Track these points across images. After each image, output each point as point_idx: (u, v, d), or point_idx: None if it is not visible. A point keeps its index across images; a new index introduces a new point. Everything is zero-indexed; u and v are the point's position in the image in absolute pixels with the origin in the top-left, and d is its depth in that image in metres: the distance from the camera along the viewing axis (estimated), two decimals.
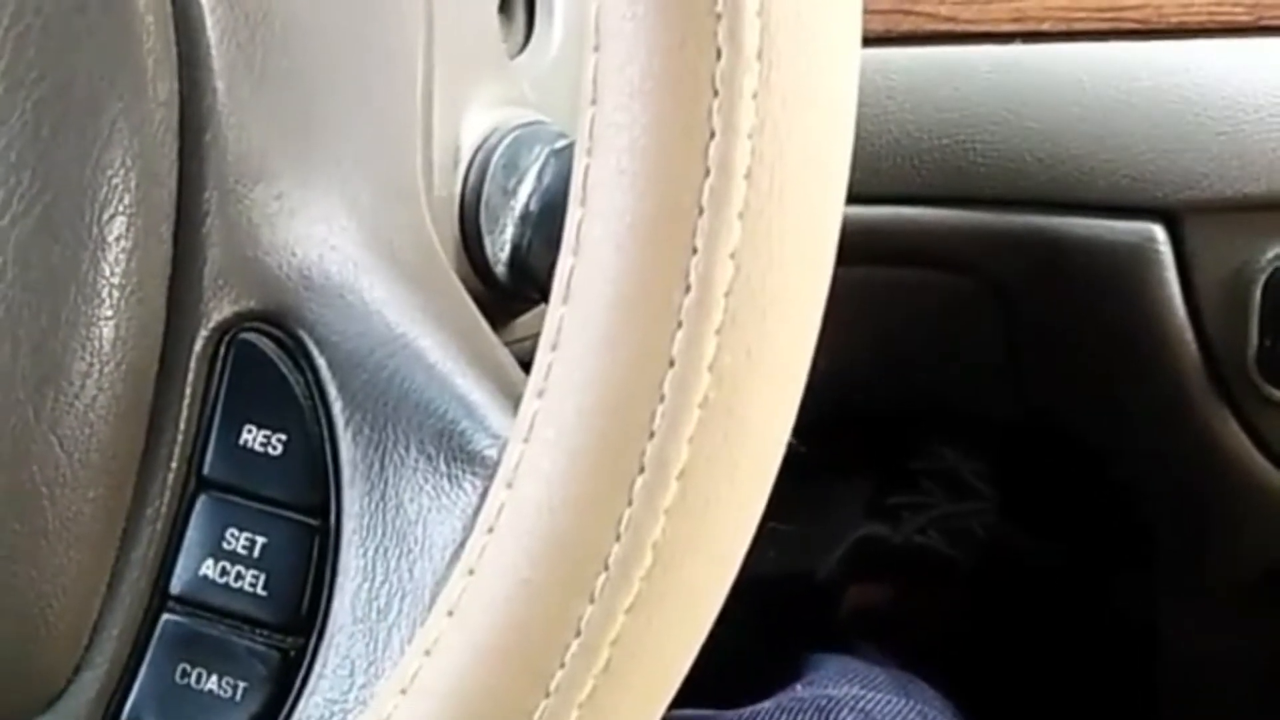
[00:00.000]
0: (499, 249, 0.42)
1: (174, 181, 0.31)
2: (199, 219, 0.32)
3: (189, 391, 0.32)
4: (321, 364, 0.32)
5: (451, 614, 0.27)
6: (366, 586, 0.31)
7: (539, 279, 0.42)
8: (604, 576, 0.26)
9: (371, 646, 0.30)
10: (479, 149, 0.41)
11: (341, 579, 0.31)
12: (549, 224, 0.41)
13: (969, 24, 0.55)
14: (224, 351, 0.32)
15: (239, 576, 0.31)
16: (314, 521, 0.31)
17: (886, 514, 0.78)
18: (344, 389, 0.31)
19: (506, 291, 0.42)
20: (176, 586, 0.32)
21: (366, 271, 0.32)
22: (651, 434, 0.26)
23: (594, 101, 0.26)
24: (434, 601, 0.28)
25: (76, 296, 0.30)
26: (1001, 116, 0.55)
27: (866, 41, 0.27)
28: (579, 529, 0.26)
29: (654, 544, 0.26)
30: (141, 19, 0.31)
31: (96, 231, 0.30)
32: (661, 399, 0.26)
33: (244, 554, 0.31)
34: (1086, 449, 0.65)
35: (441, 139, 0.39)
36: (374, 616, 0.30)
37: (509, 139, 0.42)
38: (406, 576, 0.30)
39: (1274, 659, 0.68)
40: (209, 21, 0.32)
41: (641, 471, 0.26)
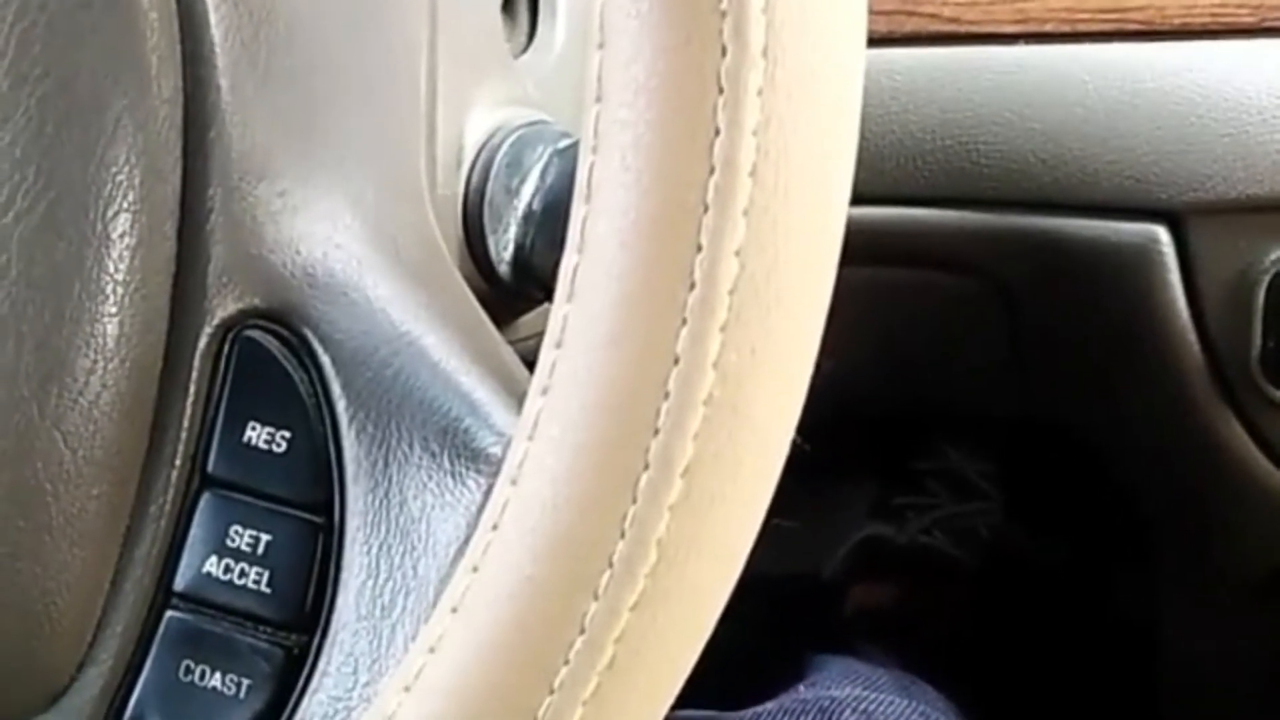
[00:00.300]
0: (502, 248, 0.42)
1: (178, 179, 0.31)
2: (203, 216, 0.32)
3: (193, 389, 0.32)
4: (325, 361, 0.32)
5: (456, 611, 0.27)
6: (370, 584, 0.31)
7: (542, 278, 0.42)
8: (608, 574, 0.26)
9: (375, 644, 0.30)
10: (482, 148, 0.41)
11: (345, 576, 0.31)
12: (552, 223, 0.41)
13: (973, 25, 0.55)
14: (228, 349, 0.32)
15: (243, 573, 0.31)
16: (318, 519, 0.31)
17: (891, 514, 0.78)
18: (348, 386, 0.31)
19: (510, 290, 0.42)
20: (180, 583, 0.32)
21: (370, 269, 0.32)
22: (656, 431, 0.26)
23: (598, 99, 0.26)
24: (438, 599, 0.28)
25: (80, 293, 0.30)
26: (1005, 118, 0.55)
27: (870, 42, 0.27)
28: (583, 526, 0.26)
29: (658, 541, 0.26)
30: (145, 16, 0.31)
31: (100, 228, 0.30)
32: (666, 396, 0.25)
33: (248, 551, 0.31)
34: (1089, 450, 0.65)
35: (445, 138, 0.39)
36: (378, 614, 0.30)
37: (512, 138, 0.42)
38: (410, 574, 0.30)
39: (1277, 660, 0.68)
40: (213, 19, 0.32)
41: (646, 468, 0.26)
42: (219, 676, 0.31)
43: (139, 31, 0.31)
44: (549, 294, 0.34)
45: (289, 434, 0.31)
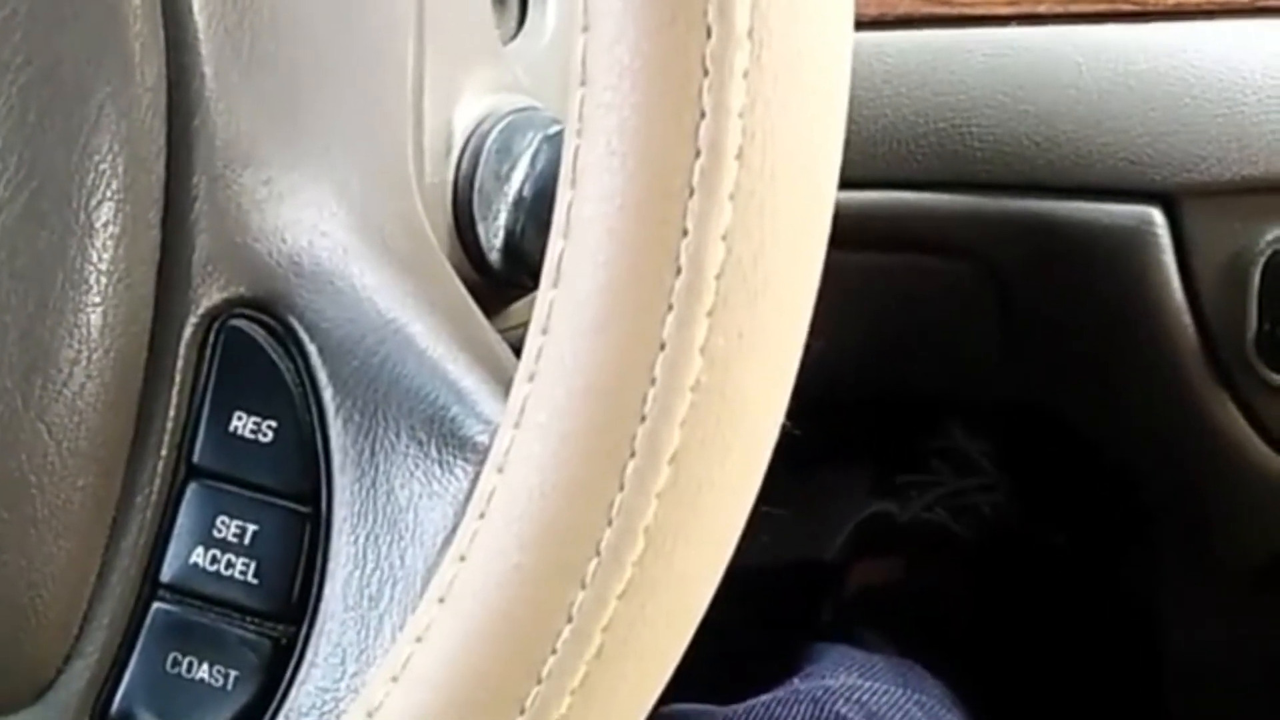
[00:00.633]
0: (492, 235, 0.41)
1: (162, 167, 0.31)
2: (187, 205, 0.31)
3: (178, 379, 0.32)
4: (312, 350, 0.31)
5: (443, 601, 0.27)
6: (358, 574, 0.30)
7: (533, 265, 0.41)
8: (596, 562, 0.26)
9: (363, 634, 0.30)
10: (472, 135, 0.41)
11: (332, 566, 0.31)
12: (542, 210, 0.41)
13: (965, 7, 0.55)
14: (213, 338, 0.32)
15: (230, 564, 0.31)
16: (305, 509, 0.31)
17: (895, 491, 0.78)
18: (334, 375, 0.31)
19: (500, 278, 0.42)
20: (167, 575, 0.31)
21: (357, 257, 0.32)
22: (643, 418, 0.25)
23: (583, 82, 0.25)
24: (425, 588, 0.28)
25: (64, 283, 0.30)
26: (998, 100, 0.55)
27: (862, 25, 0.27)
28: (570, 514, 0.26)
29: (646, 529, 0.26)
30: (128, 2, 0.31)
31: (84, 218, 0.30)
32: (653, 382, 0.25)
33: (234, 542, 0.31)
34: (1084, 434, 0.65)
35: (433, 125, 0.39)
36: (365, 604, 0.30)
37: (502, 125, 0.41)
38: (398, 563, 0.30)
39: (1277, 642, 0.68)
40: (196, 6, 0.31)
41: (633, 456, 0.26)
42: (206, 668, 0.31)
43: (122, 18, 0.30)
44: (540, 281, 0.34)
45: (275, 423, 0.31)
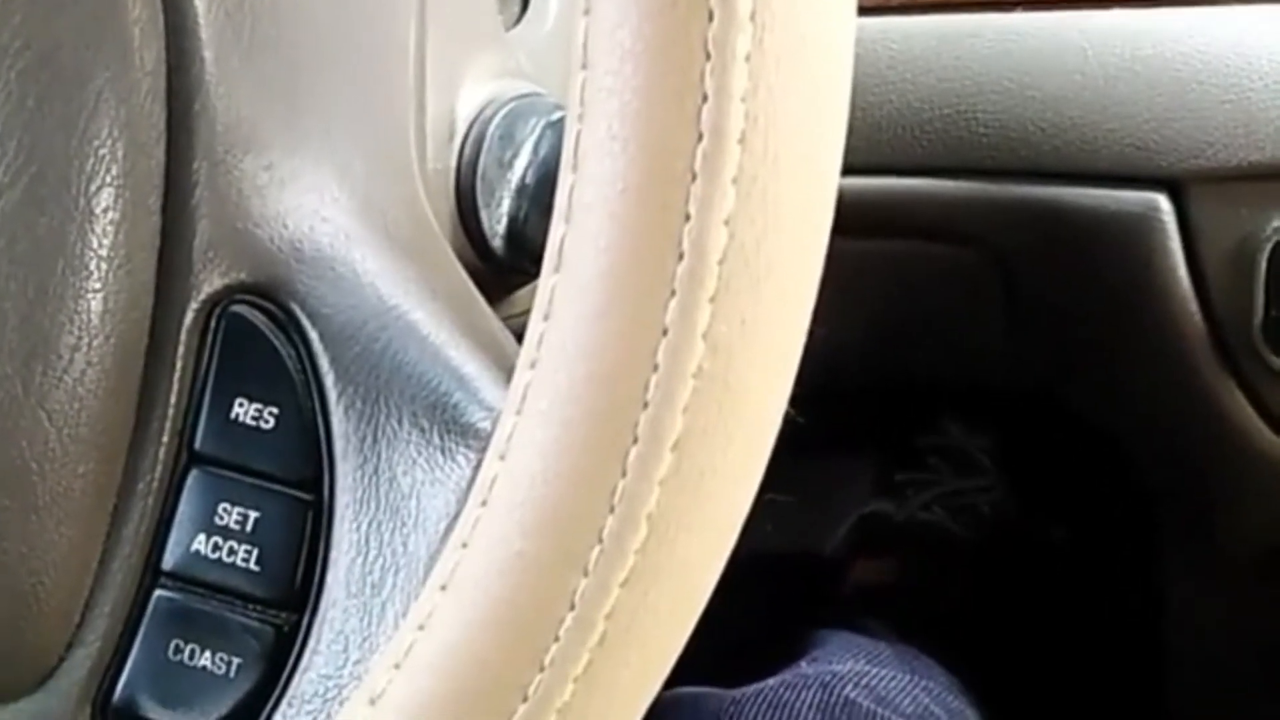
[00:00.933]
0: (495, 222, 0.41)
1: (162, 152, 0.31)
2: (188, 190, 0.31)
3: (179, 365, 0.32)
4: (313, 336, 0.31)
5: (445, 588, 0.27)
6: (360, 561, 0.30)
7: (536, 252, 0.41)
8: (598, 549, 0.26)
9: (365, 621, 0.30)
10: (474, 121, 0.41)
11: (335, 553, 0.30)
12: (545, 197, 0.40)
13: None
14: (214, 324, 0.32)
15: (231, 551, 0.31)
16: (307, 496, 0.31)
17: (892, 490, 0.78)
18: (336, 362, 0.31)
19: (503, 265, 0.42)
20: (169, 562, 0.31)
21: (359, 243, 0.32)
22: (645, 404, 0.25)
23: (584, 66, 0.25)
24: (428, 575, 0.28)
25: (64, 269, 0.30)
26: (1003, 86, 0.54)
27: (866, 11, 0.27)
28: (572, 501, 0.26)
29: (648, 516, 0.26)
30: None
31: (83, 203, 0.30)
32: (655, 368, 0.25)
33: (236, 529, 0.31)
34: (1089, 421, 0.65)
35: (436, 111, 0.39)
36: (368, 591, 0.30)
37: (505, 111, 0.41)
38: (400, 550, 0.30)
39: (1278, 634, 0.68)
40: None
41: (635, 442, 0.25)
42: (209, 655, 0.31)
43: (120, 3, 0.30)
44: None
45: (277, 410, 0.31)
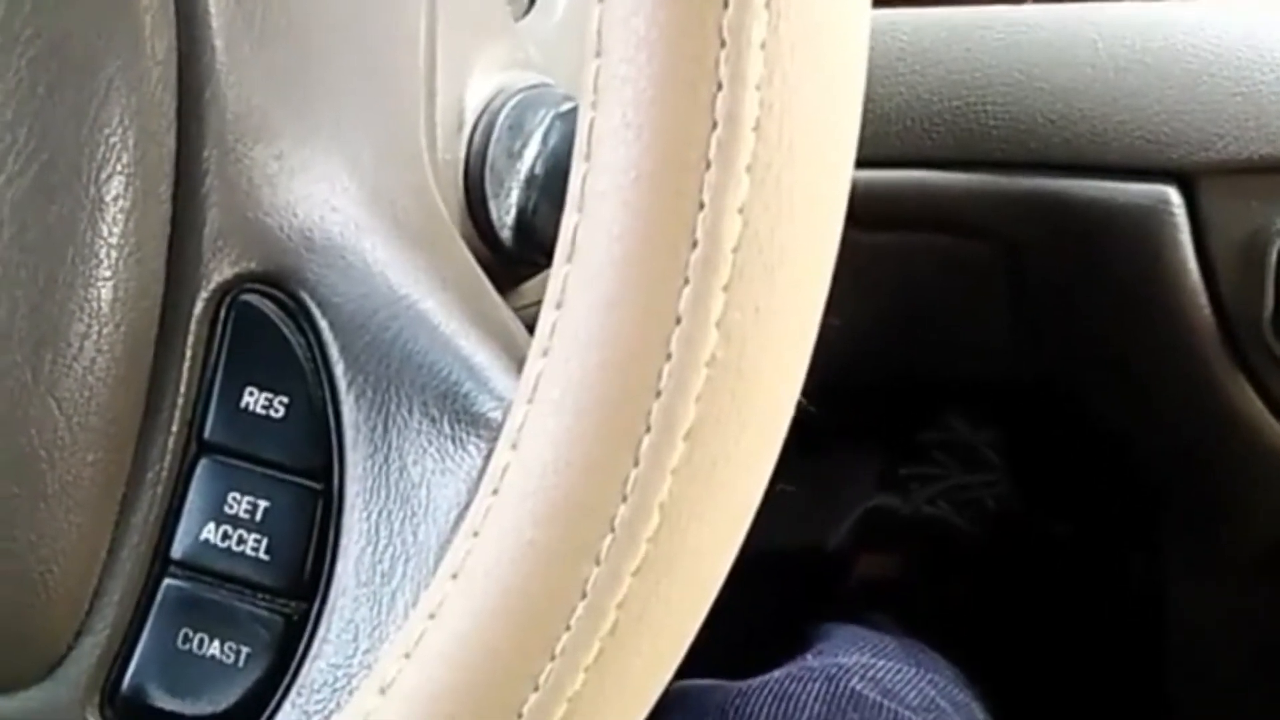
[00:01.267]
0: (504, 213, 0.41)
1: (172, 140, 0.31)
2: (198, 179, 0.31)
3: (189, 354, 0.31)
4: (323, 326, 0.31)
5: (456, 577, 0.27)
6: (370, 550, 0.30)
7: (545, 243, 0.41)
8: (610, 538, 0.26)
9: (375, 610, 0.30)
10: (484, 112, 0.41)
11: (345, 542, 0.30)
12: (555, 187, 0.40)
13: None
14: (224, 313, 0.32)
15: (241, 540, 0.31)
16: (316, 485, 0.31)
17: (897, 484, 0.77)
18: (346, 351, 0.31)
19: (512, 256, 0.42)
20: (178, 551, 0.31)
21: (369, 232, 0.32)
22: (658, 393, 0.25)
23: (598, 54, 0.25)
24: (438, 564, 0.27)
25: (74, 257, 0.30)
26: (1013, 78, 0.54)
27: (877, 3, 0.27)
28: (584, 490, 0.26)
29: (661, 505, 0.26)
30: None
31: (94, 191, 0.30)
32: (668, 357, 0.25)
33: (246, 518, 0.31)
34: (1098, 414, 0.65)
35: (445, 101, 0.39)
36: (378, 580, 0.30)
37: (514, 101, 0.41)
38: (410, 539, 0.30)
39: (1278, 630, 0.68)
40: None
41: (648, 431, 0.25)
42: (218, 645, 0.31)
43: None
44: (552, 259, 0.34)
45: (287, 399, 0.31)
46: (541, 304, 0.26)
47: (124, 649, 0.32)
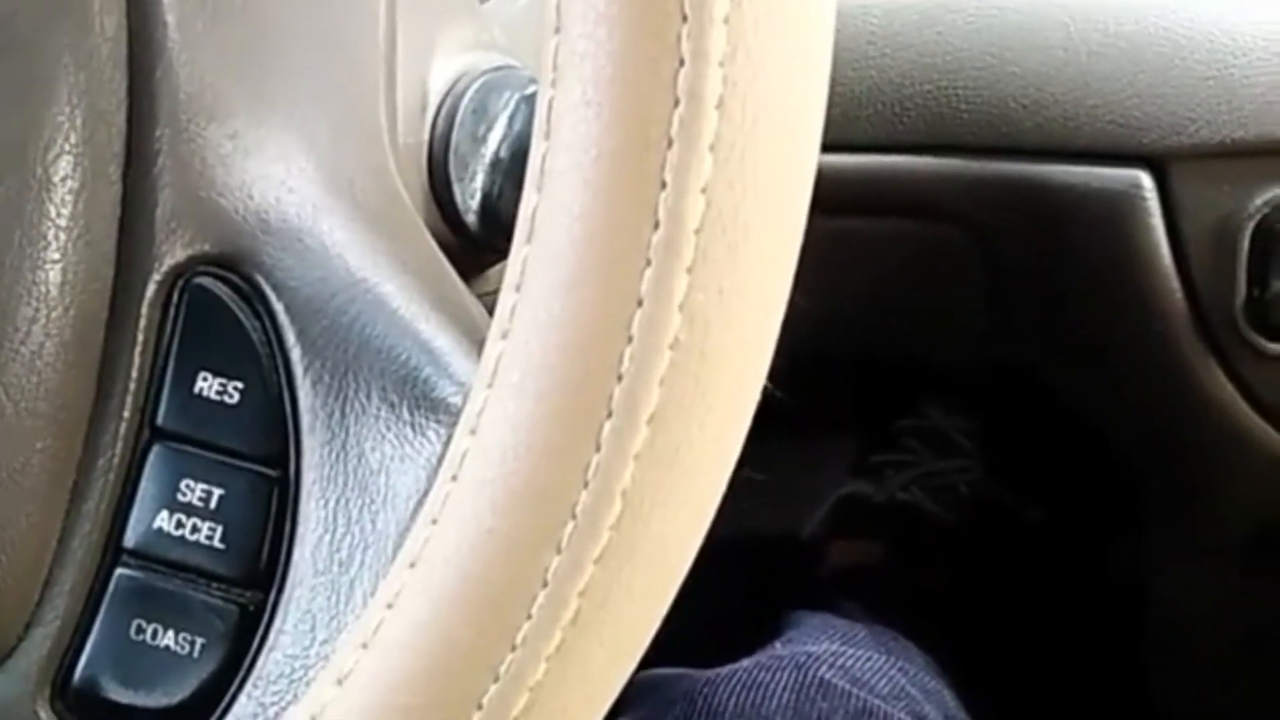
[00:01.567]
0: (469, 197, 0.41)
1: (123, 120, 0.30)
2: (150, 159, 0.31)
3: (141, 338, 0.31)
4: (279, 309, 0.31)
5: (414, 565, 0.26)
6: (328, 538, 0.30)
7: (509, 228, 0.40)
8: (571, 525, 0.25)
9: (333, 600, 0.29)
10: (447, 94, 0.40)
11: (302, 531, 0.30)
12: (520, 171, 0.39)
13: None
14: (177, 297, 0.31)
15: (195, 529, 0.30)
16: (272, 472, 0.30)
17: (870, 471, 0.77)
18: (303, 335, 0.31)
19: (478, 241, 0.41)
20: (130, 540, 0.31)
21: (326, 214, 0.31)
22: (620, 377, 0.25)
23: (558, 29, 0.25)
24: (397, 553, 0.27)
25: (21, 240, 0.29)
26: (984, 62, 0.54)
27: None
28: (545, 476, 0.25)
29: (623, 492, 0.25)
30: None
31: (41, 172, 0.29)
32: (630, 340, 0.25)
33: (200, 506, 0.30)
34: (1070, 400, 0.65)
35: (407, 82, 0.38)
36: (335, 569, 0.29)
37: (478, 84, 0.40)
38: (369, 527, 0.29)
39: (1263, 616, 0.68)
40: None
41: (610, 416, 0.25)
42: (172, 635, 0.30)
43: None
44: None
45: (241, 385, 0.31)
46: None
47: (75, 640, 0.31)
